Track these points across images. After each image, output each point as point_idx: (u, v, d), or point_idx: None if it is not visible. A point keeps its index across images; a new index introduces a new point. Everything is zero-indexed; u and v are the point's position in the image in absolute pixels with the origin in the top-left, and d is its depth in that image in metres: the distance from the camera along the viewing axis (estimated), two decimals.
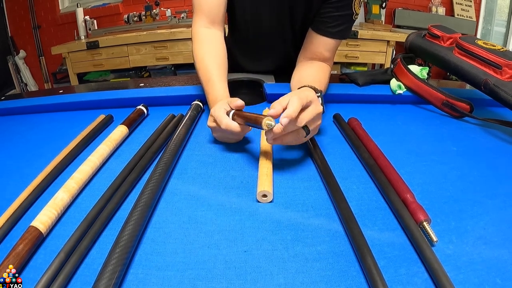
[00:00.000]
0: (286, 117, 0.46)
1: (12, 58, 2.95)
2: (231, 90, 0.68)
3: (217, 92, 0.65)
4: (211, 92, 0.67)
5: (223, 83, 0.68)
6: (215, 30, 0.75)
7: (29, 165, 0.57)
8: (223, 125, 0.54)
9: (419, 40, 0.88)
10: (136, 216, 0.40)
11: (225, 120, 0.54)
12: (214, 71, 0.69)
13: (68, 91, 0.88)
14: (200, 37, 0.74)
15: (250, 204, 0.47)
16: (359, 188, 0.50)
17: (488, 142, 0.65)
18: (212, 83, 0.67)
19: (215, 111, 0.57)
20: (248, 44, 0.94)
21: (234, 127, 0.54)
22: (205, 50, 0.73)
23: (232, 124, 0.54)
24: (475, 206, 0.46)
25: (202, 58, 0.71)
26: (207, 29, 0.75)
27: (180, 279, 0.35)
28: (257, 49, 0.94)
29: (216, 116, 0.56)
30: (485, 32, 3.02)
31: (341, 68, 2.87)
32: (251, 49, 0.95)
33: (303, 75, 0.72)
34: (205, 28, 0.75)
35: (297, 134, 0.51)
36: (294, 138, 0.51)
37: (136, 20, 2.92)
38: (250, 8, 0.82)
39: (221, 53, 0.74)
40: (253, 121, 0.51)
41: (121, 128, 0.63)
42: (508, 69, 0.67)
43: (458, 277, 0.35)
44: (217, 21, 0.75)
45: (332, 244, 0.40)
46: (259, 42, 0.91)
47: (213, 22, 0.75)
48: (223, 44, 0.75)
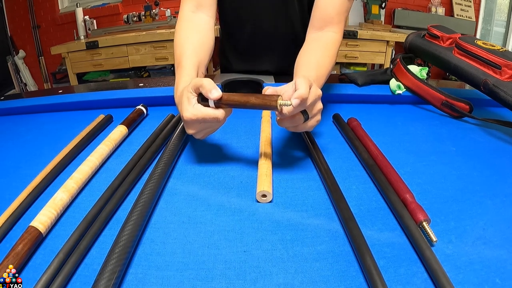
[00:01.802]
0: (297, 97, 0.43)
1: (12, 58, 2.95)
2: (230, 91, 0.67)
3: (183, 78, 0.58)
4: (177, 78, 0.61)
5: (193, 69, 0.61)
6: (201, 14, 0.72)
7: (28, 165, 0.57)
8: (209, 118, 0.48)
9: (419, 40, 0.88)
10: (136, 216, 0.40)
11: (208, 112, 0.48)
12: (187, 57, 0.63)
13: (67, 91, 0.87)
14: (182, 21, 0.70)
15: (250, 204, 0.47)
16: (358, 188, 0.50)
17: (487, 142, 0.65)
18: (181, 69, 0.61)
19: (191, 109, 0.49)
20: (244, 43, 0.93)
21: (219, 115, 0.48)
22: (184, 34, 0.68)
23: (218, 114, 0.48)
24: (474, 206, 0.46)
25: (178, 43, 0.67)
26: (193, 13, 0.71)
27: (179, 279, 0.35)
28: (254, 48, 0.93)
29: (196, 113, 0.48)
30: (485, 32, 3.02)
31: (341, 68, 2.87)
32: (246, 48, 0.94)
33: (304, 61, 0.66)
34: (191, 12, 0.71)
35: (294, 119, 0.48)
36: (291, 123, 0.49)
37: (136, 20, 2.92)
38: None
39: (202, 38, 0.68)
40: (257, 104, 0.45)
41: (121, 128, 0.63)
42: (507, 69, 0.67)
43: (458, 277, 0.35)
44: (204, 4, 0.72)
45: (332, 244, 0.40)
46: (255, 39, 0.90)
47: (200, 5, 0.72)
48: (207, 29, 0.71)
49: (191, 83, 0.49)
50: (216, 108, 0.48)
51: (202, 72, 0.64)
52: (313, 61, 0.64)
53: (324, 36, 0.69)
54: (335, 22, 0.69)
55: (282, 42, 0.89)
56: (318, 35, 0.70)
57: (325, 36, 0.69)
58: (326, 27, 0.69)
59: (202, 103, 0.48)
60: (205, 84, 0.47)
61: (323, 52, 0.67)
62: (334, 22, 0.69)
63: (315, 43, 0.69)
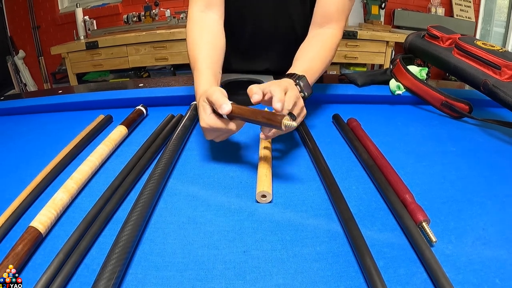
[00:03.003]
0: (279, 101, 0.46)
1: (11, 58, 2.95)
2: (229, 91, 0.67)
3: (201, 82, 0.60)
4: (195, 81, 0.62)
5: (209, 72, 0.62)
6: (211, 14, 0.72)
7: (28, 165, 0.57)
8: (224, 131, 0.51)
9: (418, 40, 0.88)
10: (135, 217, 0.40)
11: (222, 124, 0.51)
12: (202, 60, 0.64)
13: (67, 91, 0.87)
14: (193, 22, 0.71)
15: (249, 205, 0.47)
16: (358, 189, 0.50)
17: (487, 143, 0.65)
18: (197, 72, 0.62)
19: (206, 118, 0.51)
20: (245, 42, 0.93)
21: (232, 128, 0.51)
22: (197, 36, 0.69)
23: (231, 127, 0.51)
24: (474, 206, 0.46)
25: (192, 45, 0.68)
26: (203, 13, 0.72)
27: (179, 279, 0.35)
28: (254, 47, 0.93)
29: (211, 124, 0.51)
30: (484, 33, 3.02)
31: (340, 69, 2.87)
32: (247, 48, 0.94)
33: (301, 55, 0.69)
34: (201, 12, 0.72)
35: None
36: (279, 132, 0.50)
37: (136, 20, 2.92)
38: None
39: (214, 39, 0.69)
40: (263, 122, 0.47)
41: (120, 128, 0.63)
42: (507, 70, 0.67)
43: (457, 277, 0.35)
44: (213, 3, 0.72)
45: (331, 245, 0.40)
46: (256, 39, 0.90)
47: (209, 4, 0.72)
48: (218, 29, 0.72)
49: (205, 94, 0.52)
50: (229, 119, 0.51)
51: (218, 72, 0.65)
52: (310, 55, 0.67)
53: (323, 33, 0.71)
54: (334, 19, 0.71)
55: (283, 42, 0.89)
56: (318, 31, 0.72)
57: (324, 33, 0.71)
58: (327, 24, 0.71)
59: (215, 113, 0.51)
60: (215, 99, 0.49)
61: (320, 47, 0.69)
62: (334, 20, 0.71)
63: (314, 39, 0.71)
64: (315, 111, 0.77)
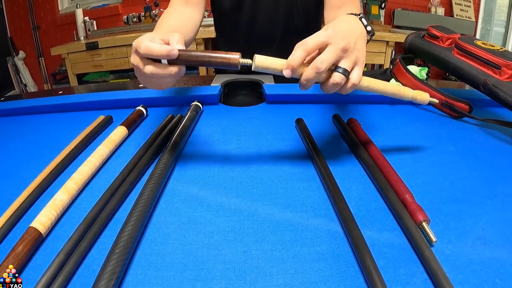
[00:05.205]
0: (287, 67, 0.41)
1: (12, 59, 2.95)
2: (230, 91, 0.67)
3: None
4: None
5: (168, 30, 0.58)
6: (188, 9, 0.73)
7: (28, 166, 0.57)
8: (142, 50, 0.40)
9: (418, 40, 0.88)
10: (136, 217, 0.40)
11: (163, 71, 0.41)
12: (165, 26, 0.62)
13: (67, 92, 0.88)
14: (168, 11, 0.71)
15: (249, 205, 0.47)
16: (358, 189, 0.50)
17: (487, 143, 0.65)
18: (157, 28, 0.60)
19: (137, 40, 0.41)
20: (242, 43, 0.92)
21: (173, 72, 0.41)
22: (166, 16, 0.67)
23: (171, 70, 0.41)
24: (474, 206, 0.46)
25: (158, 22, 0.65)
26: (181, 6, 0.73)
27: (179, 279, 0.36)
28: (252, 48, 0.93)
29: (142, 46, 0.40)
30: (484, 33, 3.02)
31: None
32: (244, 48, 0.94)
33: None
34: (178, 6, 0.73)
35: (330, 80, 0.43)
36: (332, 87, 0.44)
37: (136, 21, 2.93)
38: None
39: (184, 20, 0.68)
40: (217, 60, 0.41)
41: (121, 129, 0.64)
42: (507, 69, 0.67)
43: (457, 277, 0.35)
44: (192, 1, 0.73)
45: (331, 245, 0.40)
46: (253, 38, 0.90)
47: (188, 2, 0.73)
48: (192, 19, 0.71)
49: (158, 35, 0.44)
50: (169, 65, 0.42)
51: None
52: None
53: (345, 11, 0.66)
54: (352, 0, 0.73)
55: (283, 41, 0.89)
56: (338, 12, 0.72)
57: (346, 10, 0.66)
58: (345, 5, 0.73)
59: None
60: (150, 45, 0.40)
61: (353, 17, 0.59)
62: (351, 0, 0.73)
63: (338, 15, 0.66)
64: (315, 111, 0.77)
